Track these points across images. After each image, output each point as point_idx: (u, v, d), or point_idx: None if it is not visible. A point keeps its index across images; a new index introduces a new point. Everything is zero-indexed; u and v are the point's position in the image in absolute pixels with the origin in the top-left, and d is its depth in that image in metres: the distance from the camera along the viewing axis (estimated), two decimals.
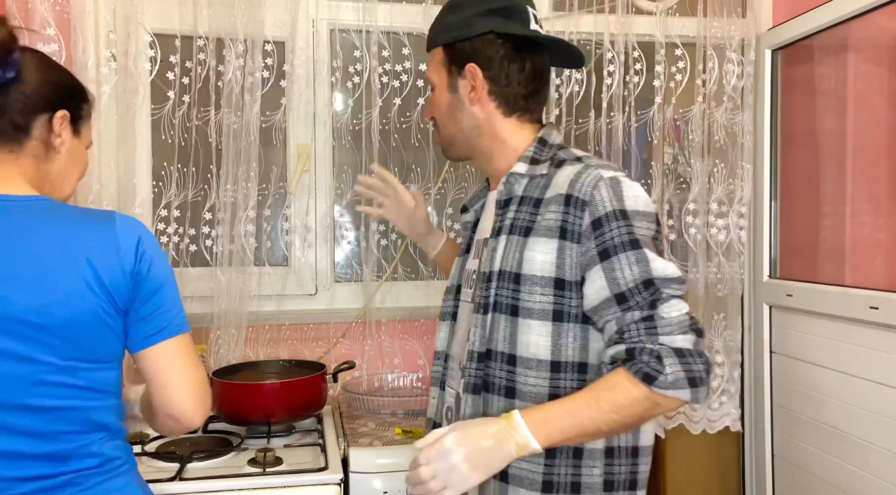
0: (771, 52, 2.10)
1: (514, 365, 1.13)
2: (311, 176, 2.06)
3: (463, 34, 1.21)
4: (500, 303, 1.14)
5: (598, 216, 1.08)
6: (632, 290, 1.06)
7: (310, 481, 1.48)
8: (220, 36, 1.89)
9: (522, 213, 1.16)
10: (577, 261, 1.10)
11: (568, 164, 1.15)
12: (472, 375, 1.18)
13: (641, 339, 1.05)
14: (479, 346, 1.17)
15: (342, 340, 2.09)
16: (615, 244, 1.07)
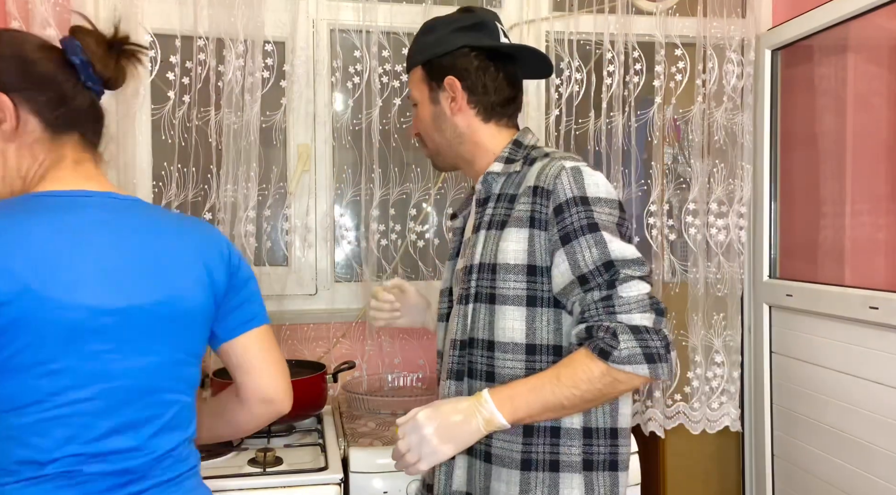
0: (771, 52, 2.10)
1: (492, 350, 1.20)
2: (311, 176, 2.06)
3: (438, 51, 1.31)
4: (480, 293, 1.22)
5: (559, 202, 1.15)
6: (592, 272, 1.12)
7: (310, 481, 1.48)
8: (220, 36, 1.89)
9: (499, 209, 1.24)
10: (545, 247, 1.17)
11: (538, 161, 1.23)
12: (455, 362, 1.25)
13: (600, 318, 1.10)
14: (460, 335, 1.24)
15: (342, 340, 2.09)
16: (575, 228, 1.14)
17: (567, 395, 1.09)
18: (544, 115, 2.12)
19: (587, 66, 2.06)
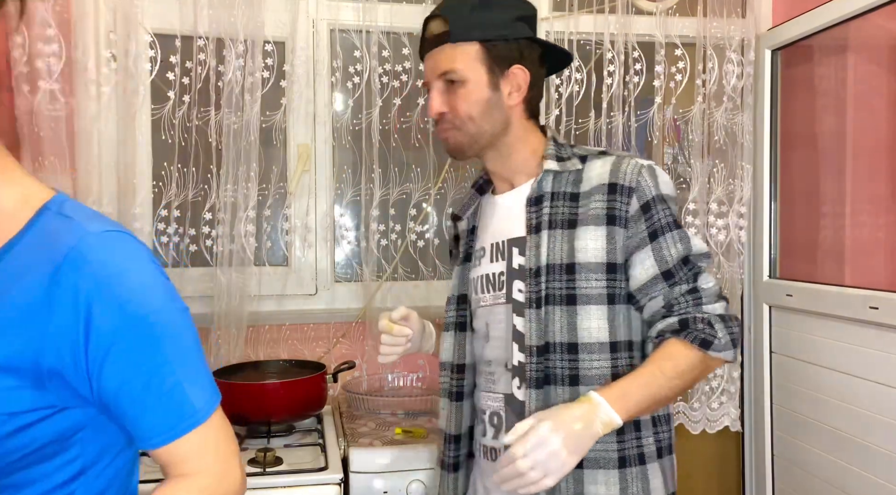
0: (771, 53, 2.10)
1: (575, 352, 1.18)
2: (311, 176, 2.06)
3: (506, 34, 1.24)
4: (552, 295, 1.18)
5: (646, 200, 1.17)
6: (676, 267, 1.17)
7: (310, 481, 1.48)
8: (220, 36, 1.89)
9: (560, 207, 1.21)
10: (623, 244, 1.18)
11: (594, 158, 1.24)
12: (535, 370, 1.19)
13: (689, 310, 1.16)
14: (537, 340, 1.19)
15: (342, 340, 2.09)
16: (662, 225, 1.17)
17: (671, 387, 1.12)
18: (544, 115, 2.12)
19: (587, 66, 2.06)
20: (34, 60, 1.78)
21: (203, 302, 1.93)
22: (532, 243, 1.22)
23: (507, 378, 1.24)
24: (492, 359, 1.28)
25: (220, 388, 1.06)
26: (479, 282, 1.31)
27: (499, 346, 1.26)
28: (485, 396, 1.29)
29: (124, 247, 0.83)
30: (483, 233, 1.33)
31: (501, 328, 1.26)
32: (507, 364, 1.24)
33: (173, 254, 1.94)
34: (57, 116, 1.80)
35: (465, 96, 1.25)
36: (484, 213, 1.36)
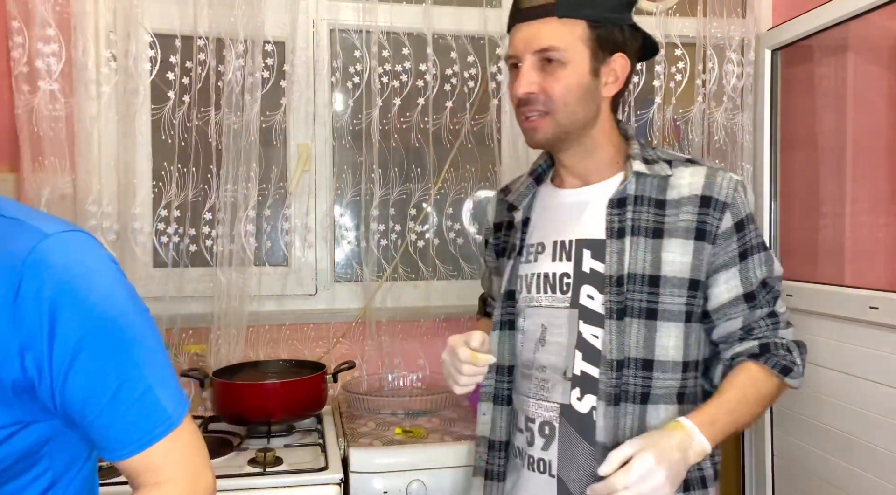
0: (771, 53, 2.10)
1: (650, 370, 1.12)
2: (311, 176, 2.06)
3: (614, 19, 1.14)
4: (632, 307, 1.12)
5: (741, 218, 1.13)
6: (758, 289, 1.14)
7: (310, 481, 1.48)
8: (220, 36, 1.89)
9: (645, 214, 1.14)
10: (708, 261, 1.13)
11: (681, 165, 1.17)
12: (612, 385, 1.12)
13: (767, 334, 1.14)
14: (617, 354, 1.12)
15: (342, 340, 2.09)
16: (752, 245, 1.14)
17: (752, 413, 1.11)
18: None
19: None
20: (34, 60, 1.78)
21: (203, 302, 1.93)
22: (614, 248, 1.14)
23: (566, 387, 1.16)
24: (546, 364, 1.19)
25: (221, 388, 1.06)
26: (535, 280, 1.21)
27: (557, 353, 1.18)
28: (532, 403, 1.20)
29: (85, 248, 0.79)
30: (542, 228, 1.24)
31: (562, 334, 1.17)
32: (567, 372, 1.16)
33: (173, 254, 1.94)
34: (57, 116, 1.80)
35: (563, 79, 1.12)
36: (543, 206, 1.26)
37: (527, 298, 1.22)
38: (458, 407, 1.94)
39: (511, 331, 1.25)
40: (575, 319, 1.16)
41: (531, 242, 1.24)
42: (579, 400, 1.15)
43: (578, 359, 1.15)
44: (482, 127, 2.12)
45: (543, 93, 1.13)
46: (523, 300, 1.23)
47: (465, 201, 2.17)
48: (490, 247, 1.39)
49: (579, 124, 1.15)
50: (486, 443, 1.27)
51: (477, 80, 2.11)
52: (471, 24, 2.09)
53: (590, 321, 1.15)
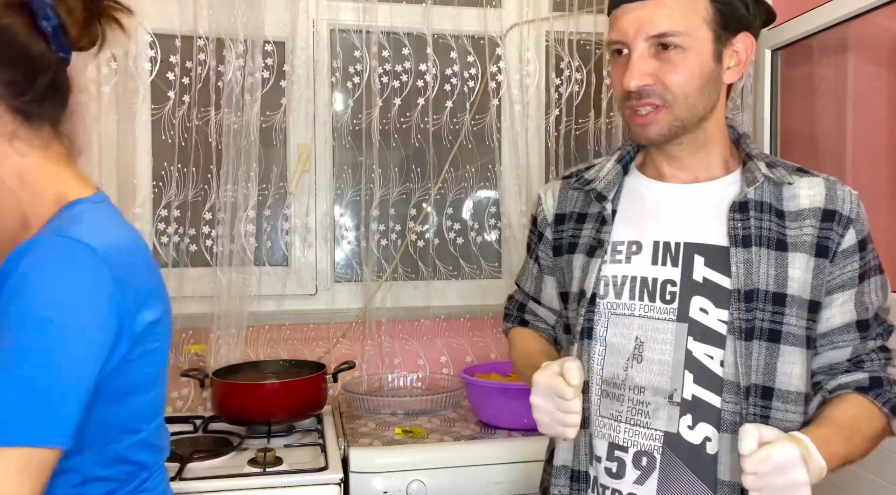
0: (771, 52, 2.10)
1: (769, 398, 1.00)
2: (311, 176, 2.06)
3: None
4: (756, 327, 0.99)
5: (864, 236, 1.03)
6: (872, 319, 1.04)
7: (310, 481, 1.48)
8: (220, 36, 1.89)
9: (766, 223, 1.02)
10: (825, 280, 1.02)
11: (795, 174, 1.06)
12: (734, 412, 0.99)
13: (876, 369, 1.03)
14: (745, 380, 0.99)
15: (342, 340, 2.09)
16: (872, 267, 1.04)
17: (862, 450, 0.98)
18: (544, 115, 2.12)
19: (587, 66, 2.06)
20: None
21: (203, 302, 1.93)
22: (740, 258, 1.00)
23: (673, 413, 1.01)
24: (645, 385, 1.03)
25: (220, 388, 1.06)
26: (627, 284, 1.06)
27: (659, 372, 1.02)
28: (625, 429, 1.04)
29: (56, 252, 0.78)
30: (633, 223, 1.09)
31: (666, 350, 1.02)
32: (674, 396, 1.01)
33: (173, 254, 1.94)
34: None
35: (683, 67, 0.98)
36: (636, 199, 1.11)
37: (613, 304, 1.06)
38: (458, 407, 1.94)
39: (589, 341, 1.08)
40: (683, 335, 1.01)
41: (619, 239, 1.08)
42: (691, 429, 1.00)
43: (689, 381, 1.01)
44: (482, 127, 2.12)
45: (660, 84, 0.99)
46: (607, 306, 1.07)
47: (465, 201, 2.17)
48: (546, 243, 1.21)
49: (698, 117, 1.02)
50: (567, 475, 1.08)
51: (477, 80, 2.11)
52: (471, 24, 2.09)
53: (702, 338, 1.01)
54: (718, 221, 1.03)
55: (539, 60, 2.11)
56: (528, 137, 2.10)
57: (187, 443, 1.67)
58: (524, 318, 1.30)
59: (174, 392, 1.96)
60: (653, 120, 1.01)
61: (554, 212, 1.19)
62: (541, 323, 1.28)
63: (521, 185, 2.09)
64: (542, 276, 1.24)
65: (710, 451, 1.00)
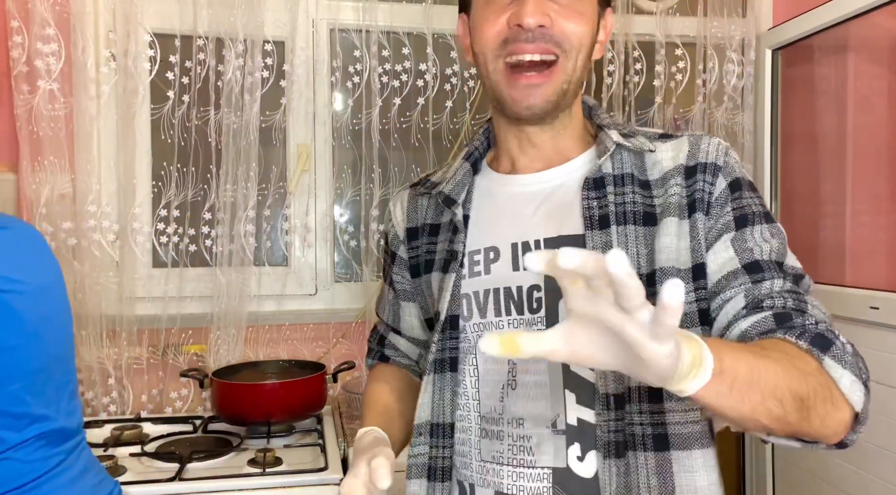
0: (771, 52, 2.10)
1: (658, 401, 0.82)
2: (310, 176, 2.06)
3: None
4: None
5: (734, 179, 0.87)
6: (766, 263, 0.82)
7: (310, 481, 1.48)
8: (219, 36, 1.89)
9: (628, 197, 0.87)
10: (704, 235, 0.85)
11: (658, 140, 0.92)
12: (611, 430, 0.82)
13: (780, 307, 0.79)
14: (614, 386, 0.82)
15: (342, 340, 2.08)
16: (752, 212, 0.86)
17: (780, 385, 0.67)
18: None
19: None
20: (33, 60, 1.78)
21: (203, 302, 1.93)
22: (596, 243, 0.85)
23: (560, 444, 0.85)
24: (523, 416, 0.87)
25: (220, 388, 1.06)
26: (490, 298, 0.90)
27: (537, 396, 0.87)
28: (509, 473, 0.86)
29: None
30: (488, 228, 0.94)
31: (541, 370, 0.86)
32: (557, 423, 0.85)
33: (173, 254, 1.94)
34: (56, 116, 1.80)
35: (582, 13, 0.87)
36: (485, 199, 0.97)
37: (480, 325, 0.90)
38: None
39: (453, 374, 0.91)
40: None
41: (475, 248, 0.93)
42: (580, 460, 0.84)
43: (571, 403, 0.85)
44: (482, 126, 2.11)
45: (557, 28, 0.85)
46: (474, 328, 0.91)
47: None
48: (400, 263, 1.06)
49: (575, 89, 0.90)
50: None
51: (477, 79, 2.11)
52: None
53: None
54: (577, 207, 0.88)
55: None
56: None
57: (187, 444, 1.67)
58: (384, 353, 1.15)
59: (174, 392, 1.96)
60: (544, 80, 0.86)
61: (405, 227, 1.05)
62: (402, 358, 1.13)
63: None
64: (399, 303, 1.09)
65: (602, 484, 0.82)
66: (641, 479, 0.81)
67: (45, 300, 1.07)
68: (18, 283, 1.02)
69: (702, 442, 0.83)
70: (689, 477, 0.82)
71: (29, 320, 1.02)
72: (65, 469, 1.07)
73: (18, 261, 1.04)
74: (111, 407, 1.87)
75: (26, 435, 1.02)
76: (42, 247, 1.11)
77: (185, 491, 1.43)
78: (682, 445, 0.82)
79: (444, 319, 0.92)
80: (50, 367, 1.06)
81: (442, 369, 0.92)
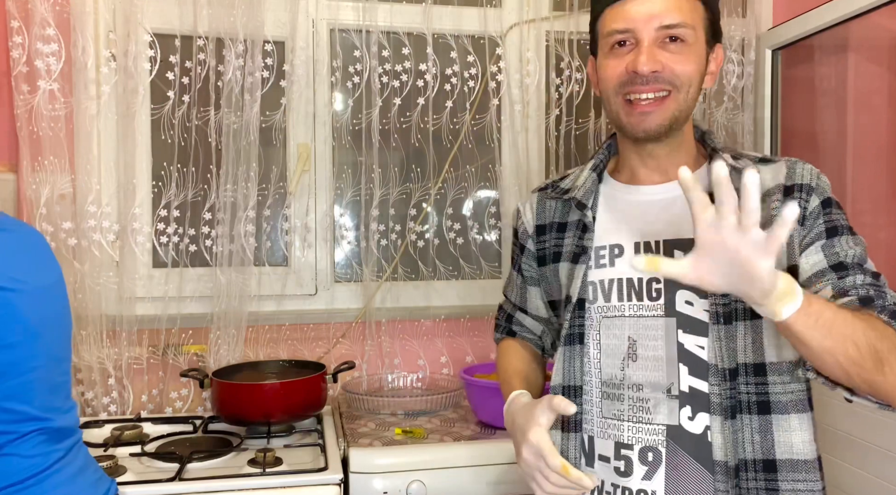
0: (771, 52, 2.10)
1: (763, 374, 1.02)
2: (311, 176, 2.06)
3: (717, 5, 1.08)
4: (737, 309, 1.02)
5: (826, 197, 1.05)
6: (851, 265, 0.99)
7: (310, 481, 1.48)
8: (219, 36, 1.89)
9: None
10: (799, 243, 1.02)
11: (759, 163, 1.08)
12: (726, 397, 1.01)
13: (869, 292, 0.95)
14: (728, 362, 1.02)
15: (342, 340, 2.08)
16: (840, 225, 1.03)
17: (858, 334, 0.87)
18: (544, 115, 2.12)
19: (587, 66, 2.06)
20: (33, 60, 1.78)
21: (203, 302, 1.93)
22: None
23: (673, 406, 1.04)
24: (643, 382, 1.06)
25: (220, 389, 1.07)
26: (615, 286, 1.09)
27: (655, 368, 1.06)
28: (628, 427, 1.07)
29: None
30: (613, 228, 1.12)
31: (659, 346, 1.05)
32: (672, 390, 1.04)
33: (173, 254, 1.94)
34: (56, 116, 1.80)
35: (690, 58, 1.03)
36: (609, 204, 1.15)
37: (604, 308, 1.10)
38: (458, 408, 1.93)
39: (580, 346, 1.12)
40: (673, 329, 1.05)
41: (601, 244, 1.12)
42: (691, 420, 1.03)
43: (684, 374, 1.04)
44: (482, 127, 2.12)
45: (668, 71, 1.02)
46: (598, 310, 1.10)
47: (465, 201, 2.17)
48: (529, 254, 1.26)
49: (688, 114, 1.07)
50: None
51: (477, 79, 2.11)
52: (471, 24, 2.09)
53: (691, 330, 1.04)
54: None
55: (539, 60, 2.11)
56: (528, 137, 2.10)
57: (187, 444, 1.67)
58: (512, 329, 1.35)
59: (174, 392, 1.96)
60: (656, 108, 1.03)
61: (535, 224, 1.24)
62: (528, 333, 1.34)
63: (521, 185, 2.09)
64: (526, 287, 1.29)
65: (710, 440, 1.02)
66: (747, 436, 1.01)
67: (45, 301, 1.08)
68: (20, 283, 1.03)
69: (797, 407, 1.02)
70: (787, 434, 1.01)
71: (29, 319, 1.03)
72: (65, 465, 1.09)
73: (21, 263, 1.05)
74: (111, 407, 1.87)
75: (25, 430, 1.04)
76: (44, 249, 1.13)
77: (185, 491, 1.43)
78: (781, 410, 1.01)
79: (575, 302, 1.11)
80: (48, 367, 1.08)
81: (572, 342, 1.12)
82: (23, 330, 1.03)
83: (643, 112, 1.04)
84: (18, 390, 1.03)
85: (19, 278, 1.03)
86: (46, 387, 1.07)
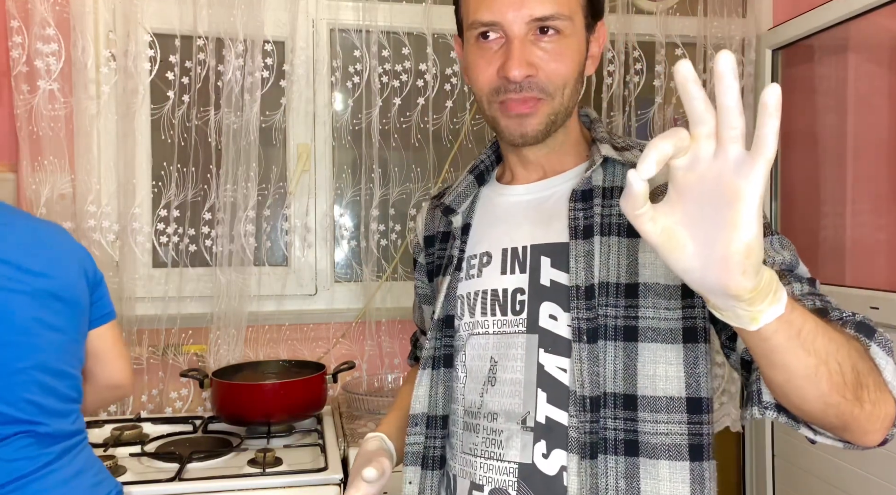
0: (771, 52, 2.10)
1: (633, 408, 0.84)
2: (310, 176, 2.06)
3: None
4: (604, 326, 0.85)
5: None
6: (785, 273, 0.79)
7: (310, 481, 1.48)
8: (219, 36, 1.89)
9: (616, 209, 0.88)
10: None
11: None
12: (585, 431, 0.84)
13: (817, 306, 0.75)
14: (590, 389, 0.84)
15: (342, 340, 2.08)
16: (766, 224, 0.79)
17: (842, 351, 0.65)
18: None
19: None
20: (33, 60, 1.78)
21: (203, 302, 1.93)
22: (579, 251, 0.87)
23: (527, 440, 0.87)
24: (497, 411, 0.90)
25: (220, 388, 1.08)
26: (479, 299, 0.94)
27: (512, 394, 0.89)
28: (480, 464, 0.90)
29: None
30: (485, 234, 0.99)
31: (518, 368, 0.89)
32: (526, 420, 0.88)
33: (173, 254, 1.94)
34: (56, 116, 1.80)
35: (566, 55, 0.89)
36: (486, 208, 1.01)
37: (470, 324, 0.95)
38: None
39: (447, 369, 0.97)
40: (534, 347, 0.88)
41: (473, 253, 0.98)
42: (545, 458, 0.86)
43: (542, 402, 0.87)
44: (482, 127, 2.12)
45: (542, 74, 0.88)
46: (465, 327, 0.95)
47: None
48: (420, 269, 1.13)
49: (567, 112, 0.92)
50: None
51: None
52: None
53: (553, 349, 0.87)
54: (564, 216, 0.91)
55: None
56: None
57: (187, 444, 1.67)
58: (416, 354, 1.22)
59: (174, 392, 1.96)
60: (531, 111, 0.89)
61: (423, 235, 1.11)
62: None
63: None
64: (421, 306, 1.16)
65: (566, 483, 0.84)
66: (610, 482, 0.83)
67: (46, 305, 1.06)
68: (21, 282, 1.02)
69: (670, 453, 0.83)
70: (654, 484, 0.83)
71: (22, 320, 1.02)
72: (55, 470, 1.07)
73: (35, 258, 1.08)
74: (111, 407, 1.87)
75: (6, 433, 1.03)
76: (70, 257, 1.17)
77: (185, 491, 1.43)
78: (649, 453, 0.83)
79: (440, 319, 0.98)
80: (38, 371, 1.06)
81: (437, 365, 0.98)
82: (12, 329, 1.03)
83: (519, 113, 0.89)
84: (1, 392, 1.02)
85: (20, 278, 1.03)
86: (36, 390, 1.06)
